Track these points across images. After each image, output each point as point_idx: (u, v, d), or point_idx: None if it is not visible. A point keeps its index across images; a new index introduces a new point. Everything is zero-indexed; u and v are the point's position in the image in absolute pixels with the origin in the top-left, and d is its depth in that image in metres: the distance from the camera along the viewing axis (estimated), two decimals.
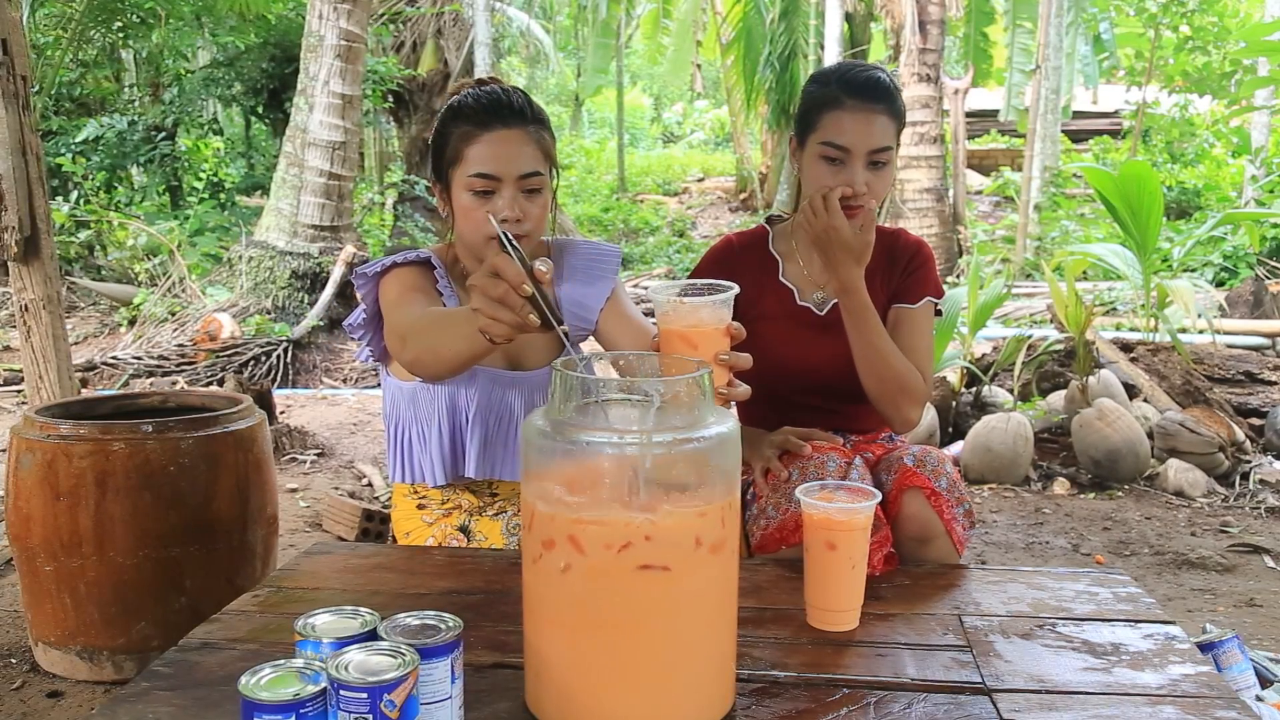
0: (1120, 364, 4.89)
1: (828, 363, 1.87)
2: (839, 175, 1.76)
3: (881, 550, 1.57)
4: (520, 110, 1.69)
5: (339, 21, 7.20)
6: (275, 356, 6.33)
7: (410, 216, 10.00)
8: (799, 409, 1.90)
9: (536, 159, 1.68)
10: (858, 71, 1.82)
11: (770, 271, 1.93)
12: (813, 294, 1.91)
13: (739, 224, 14.20)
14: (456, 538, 1.79)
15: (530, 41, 15.22)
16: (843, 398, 1.91)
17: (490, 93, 1.70)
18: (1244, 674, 1.92)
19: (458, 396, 1.72)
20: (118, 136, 9.68)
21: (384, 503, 3.86)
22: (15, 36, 2.97)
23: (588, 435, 1.06)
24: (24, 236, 3.00)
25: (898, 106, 1.81)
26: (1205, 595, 3.05)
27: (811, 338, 1.89)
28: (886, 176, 1.80)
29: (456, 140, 1.68)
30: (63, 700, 2.29)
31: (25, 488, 2.29)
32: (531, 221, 1.68)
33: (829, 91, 1.79)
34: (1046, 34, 11.35)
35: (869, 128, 1.75)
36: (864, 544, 1.38)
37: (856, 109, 1.76)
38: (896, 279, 1.92)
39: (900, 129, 1.82)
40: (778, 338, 1.88)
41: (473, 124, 1.67)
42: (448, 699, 1.04)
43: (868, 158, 1.76)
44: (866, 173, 1.76)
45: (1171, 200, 11.53)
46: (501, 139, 1.66)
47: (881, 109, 1.77)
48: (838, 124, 1.76)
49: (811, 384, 1.90)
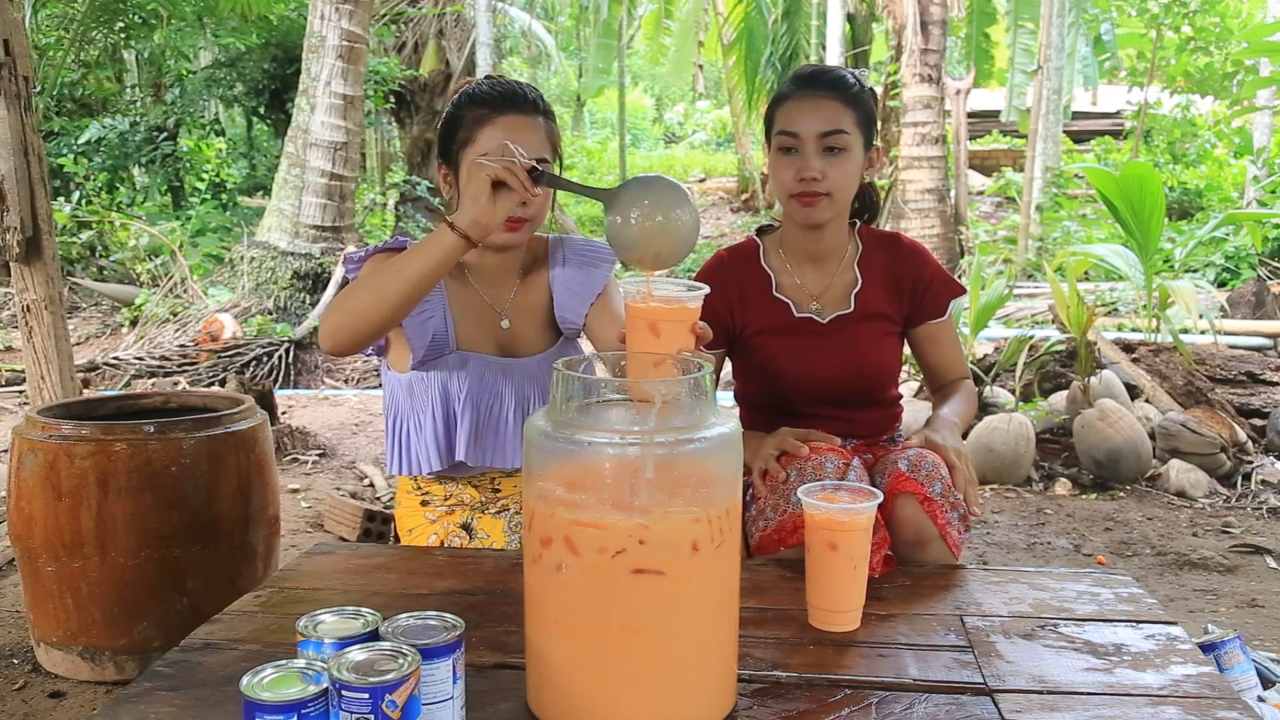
0: (1122, 364, 4.89)
1: (835, 370, 1.88)
2: (793, 165, 1.80)
3: (880, 552, 1.57)
4: (533, 101, 1.78)
5: (341, 22, 7.20)
6: (277, 357, 6.34)
7: (412, 217, 10.00)
8: (805, 419, 1.90)
9: (544, 147, 1.76)
10: (809, 67, 1.94)
11: (764, 287, 1.93)
12: (809, 304, 1.91)
13: (740, 224, 14.21)
14: (459, 535, 1.79)
15: (532, 42, 15.21)
16: (850, 404, 1.92)
17: (505, 82, 1.80)
18: (1246, 675, 1.92)
19: (449, 383, 1.77)
20: (119, 137, 9.68)
21: (385, 503, 3.86)
22: (17, 37, 2.98)
23: (588, 435, 1.06)
24: (26, 237, 3.01)
25: (853, 95, 1.82)
26: (1207, 596, 3.05)
27: (816, 347, 1.89)
28: (844, 164, 1.80)
29: (471, 122, 1.74)
30: (64, 700, 2.29)
31: (27, 488, 2.29)
32: (534, 208, 1.74)
33: (783, 88, 1.87)
34: (1048, 34, 11.33)
35: (815, 112, 1.79)
36: (865, 545, 1.38)
37: (803, 96, 1.82)
38: (913, 299, 1.94)
39: (865, 122, 1.83)
40: (782, 352, 1.89)
41: (488, 108, 1.74)
42: (449, 699, 1.04)
43: (819, 143, 1.78)
44: (820, 159, 1.79)
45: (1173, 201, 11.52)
46: (514, 124, 1.73)
47: (828, 94, 1.80)
48: (788, 113, 1.82)
49: (819, 393, 1.90)
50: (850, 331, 1.90)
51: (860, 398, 1.92)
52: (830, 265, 1.92)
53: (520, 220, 1.73)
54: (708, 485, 1.08)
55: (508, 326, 1.83)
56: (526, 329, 1.85)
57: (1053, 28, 11.37)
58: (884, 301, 1.92)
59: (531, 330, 1.85)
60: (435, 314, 1.75)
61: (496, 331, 1.83)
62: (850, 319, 1.90)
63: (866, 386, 1.93)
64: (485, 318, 1.83)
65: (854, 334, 1.90)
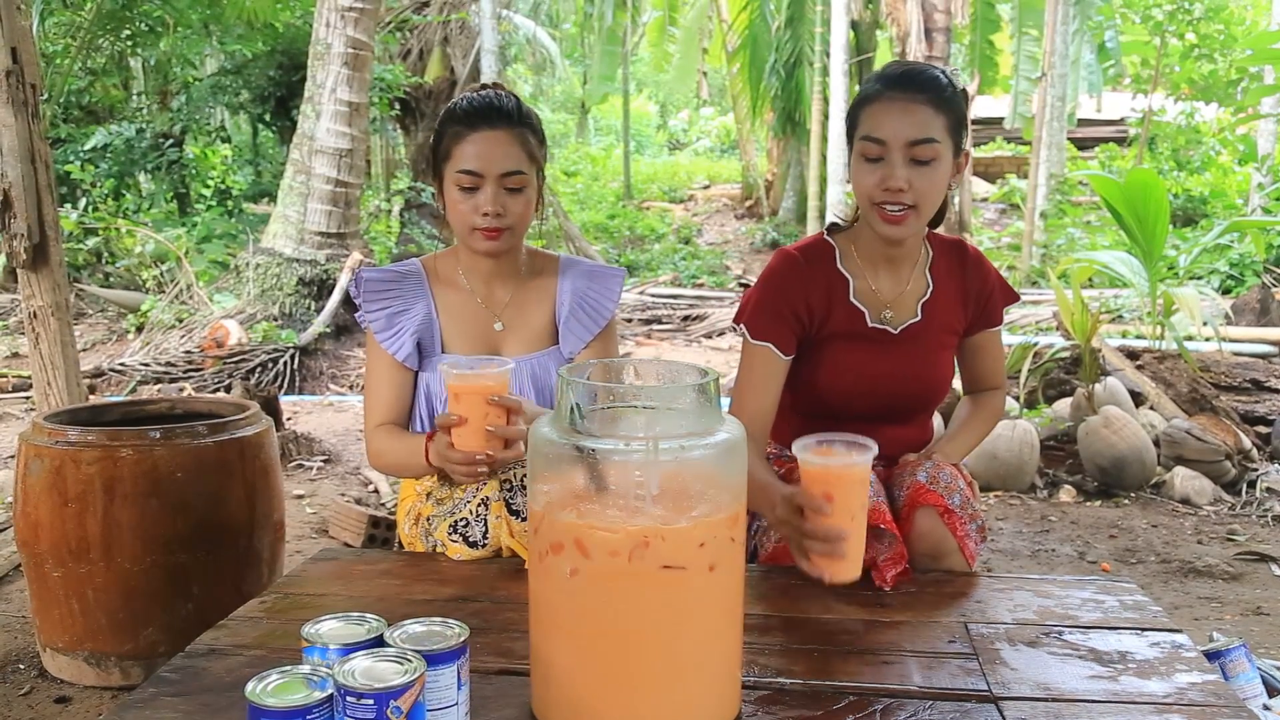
0: (1126, 371, 4.88)
1: (896, 384, 1.82)
2: (876, 173, 1.67)
3: (896, 566, 1.57)
4: (508, 113, 1.81)
5: (346, 29, 7.22)
6: (282, 363, 6.35)
7: (417, 224, 10.01)
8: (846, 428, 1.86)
9: (519, 159, 1.80)
10: (898, 65, 1.77)
11: (840, 290, 1.81)
12: (882, 312, 1.82)
13: (744, 231, 14.20)
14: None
15: (537, 49, 15.24)
16: (894, 418, 1.86)
17: (483, 96, 1.84)
18: (1251, 683, 1.91)
19: (433, 382, 1.87)
20: (126, 144, 9.70)
21: (390, 509, 3.86)
22: (25, 45, 2.99)
23: (594, 442, 1.06)
24: (33, 244, 3.02)
25: (945, 99, 1.68)
26: (1212, 603, 3.04)
27: (885, 357, 1.81)
28: (933, 175, 1.67)
29: (448, 139, 1.81)
30: (70, 706, 2.30)
31: (34, 494, 2.30)
32: (512, 217, 1.80)
33: (869, 87, 1.74)
34: (1053, 41, 11.34)
35: (905, 117, 1.65)
36: (863, 495, 1.39)
37: (893, 99, 1.67)
38: (978, 307, 1.89)
39: (955, 126, 1.69)
40: (851, 359, 1.81)
41: (462, 124, 1.80)
42: (454, 705, 1.04)
43: (906, 152, 1.65)
44: (907, 169, 1.65)
45: (1178, 208, 11.52)
46: (486, 139, 1.78)
47: (922, 99, 1.66)
48: (874, 116, 1.68)
49: (870, 404, 1.83)
50: (917, 343, 1.83)
51: (907, 412, 1.88)
52: (904, 272, 1.83)
53: (497, 230, 1.79)
54: (714, 491, 1.09)
55: (501, 329, 1.90)
56: (520, 332, 1.91)
57: (1057, 34, 11.37)
58: (952, 310, 1.86)
59: (524, 333, 1.92)
60: (408, 328, 1.85)
61: (488, 333, 1.90)
62: (918, 329, 1.82)
63: (919, 401, 1.88)
64: (478, 319, 1.90)
65: (921, 346, 1.83)
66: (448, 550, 1.73)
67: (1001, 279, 1.94)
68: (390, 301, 1.87)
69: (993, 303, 1.91)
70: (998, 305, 1.92)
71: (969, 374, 2.00)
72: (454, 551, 1.71)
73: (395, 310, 1.86)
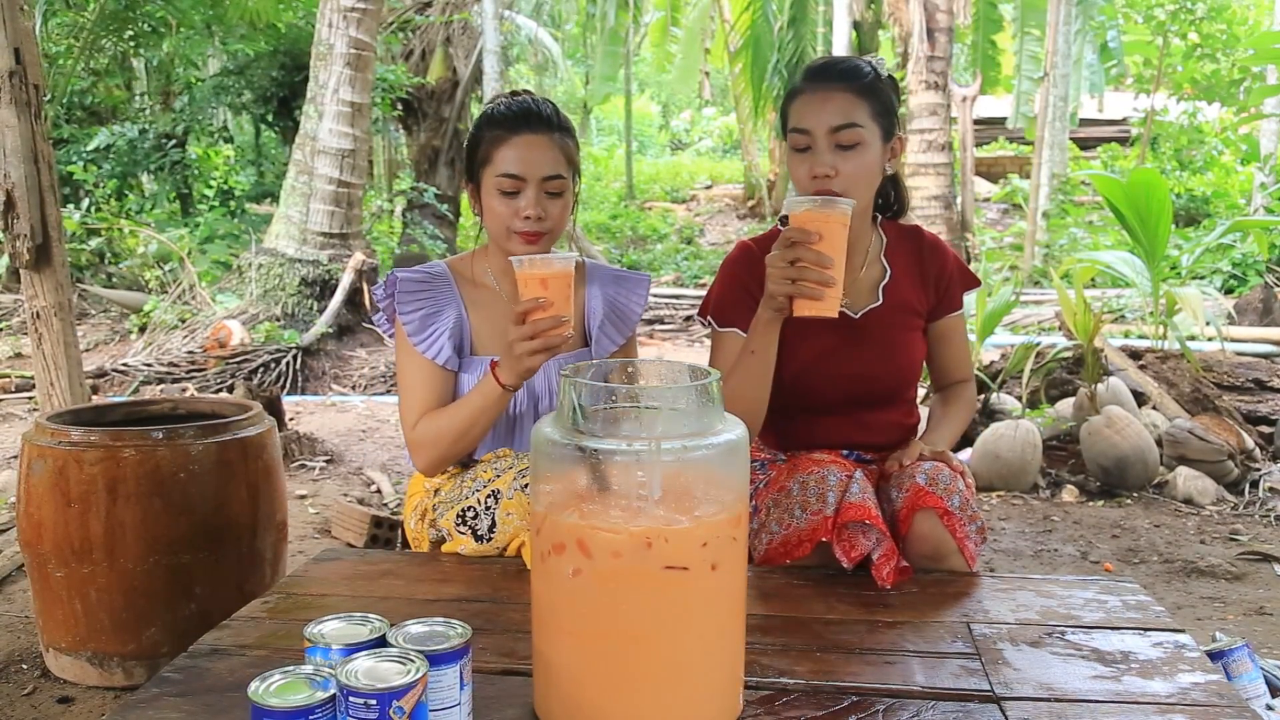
0: (1129, 371, 4.88)
1: (864, 366, 1.85)
2: (806, 162, 1.74)
3: (890, 562, 1.57)
4: (547, 119, 1.84)
5: (349, 30, 7.23)
6: (285, 363, 6.35)
7: (419, 224, 10.02)
8: (821, 418, 1.88)
9: (559, 163, 1.83)
10: (821, 59, 1.87)
11: None
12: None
13: (746, 231, 14.21)
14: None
15: (539, 49, 15.25)
16: (872, 404, 1.88)
17: (521, 101, 1.86)
18: (1254, 683, 1.91)
19: (470, 384, 1.87)
20: (129, 144, 9.72)
21: (393, 509, 3.86)
22: (28, 45, 2.99)
23: (596, 443, 1.07)
24: (36, 244, 3.02)
25: (867, 85, 1.74)
26: (1215, 603, 3.04)
27: (850, 341, 1.85)
28: (860, 159, 1.73)
29: (488, 143, 1.83)
30: (73, 706, 2.30)
31: (36, 494, 2.30)
32: (551, 221, 1.82)
33: (793, 83, 1.83)
34: (1055, 41, 11.33)
35: (825, 105, 1.72)
36: (844, 239, 1.58)
37: (814, 90, 1.76)
38: (936, 292, 1.92)
39: (883, 112, 1.75)
40: (816, 346, 1.84)
41: (503, 129, 1.81)
42: (456, 705, 1.05)
43: (830, 138, 1.72)
44: (832, 155, 1.72)
45: (1180, 208, 11.52)
46: (528, 143, 1.80)
47: (840, 87, 1.74)
48: (798, 109, 1.77)
49: (842, 392, 1.86)
50: (881, 326, 1.86)
51: (883, 397, 1.89)
52: (855, 259, 1.85)
53: (536, 234, 1.81)
54: (716, 491, 1.09)
55: None
56: None
57: (1059, 35, 11.37)
58: (912, 293, 1.89)
59: None
60: (443, 329, 1.85)
61: None
62: (880, 312, 1.86)
63: (892, 384, 1.90)
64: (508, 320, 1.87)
65: (884, 328, 1.86)
66: (453, 541, 1.73)
67: (961, 263, 1.97)
68: (423, 304, 1.87)
69: (953, 285, 1.93)
70: (958, 288, 1.94)
71: (936, 367, 2.02)
72: (459, 544, 1.71)
73: (428, 312, 1.86)
